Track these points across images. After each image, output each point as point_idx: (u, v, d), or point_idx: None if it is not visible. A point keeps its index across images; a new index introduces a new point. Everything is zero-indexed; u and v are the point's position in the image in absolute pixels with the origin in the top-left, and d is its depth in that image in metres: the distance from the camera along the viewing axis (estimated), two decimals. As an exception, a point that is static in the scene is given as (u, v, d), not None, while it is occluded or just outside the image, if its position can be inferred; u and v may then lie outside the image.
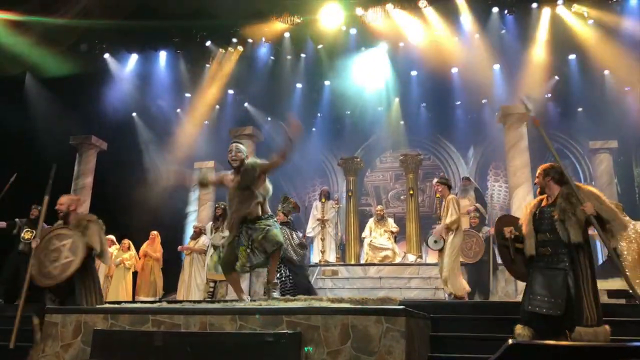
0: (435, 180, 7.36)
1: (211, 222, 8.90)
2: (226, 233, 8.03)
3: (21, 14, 9.97)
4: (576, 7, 10.68)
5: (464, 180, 10.22)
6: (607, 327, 3.85)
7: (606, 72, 11.83)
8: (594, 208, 3.96)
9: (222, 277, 8.16)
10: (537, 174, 4.37)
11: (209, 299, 7.91)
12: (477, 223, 8.77)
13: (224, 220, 8.30)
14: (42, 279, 4.80)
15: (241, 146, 4.94)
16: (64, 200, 5.15)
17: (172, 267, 9.98)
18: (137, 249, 10.12)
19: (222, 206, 8.61)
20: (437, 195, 7.50)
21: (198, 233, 9.31)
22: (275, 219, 4.98)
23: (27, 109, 11.50)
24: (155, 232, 10.22)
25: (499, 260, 9.23)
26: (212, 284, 8.36)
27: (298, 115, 13.55)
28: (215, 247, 8.14)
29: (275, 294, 4.98)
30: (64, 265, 4.74)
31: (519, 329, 3.98)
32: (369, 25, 11.25)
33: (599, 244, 12.01)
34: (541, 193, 4.36)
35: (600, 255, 10.59)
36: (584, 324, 3.80)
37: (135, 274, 9.96)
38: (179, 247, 9.53)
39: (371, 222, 11.01)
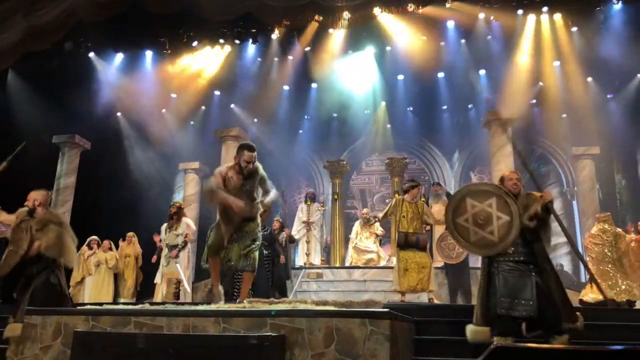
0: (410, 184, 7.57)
1: (165, 224, 8.61)
2: (179, 231, 7.99)
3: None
4: (560, 14, 10.84)
5: (435, 186, 10.29)
6: (580, 317, 3.93)
7: (589, 79, 12.00)
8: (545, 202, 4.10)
9: (175, 275, 8.09)
10: (517, 178, 4.38)
11: (176, 301, 7.80)
12: None
13: (178, 219, 8.16)
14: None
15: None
16: (30, 196, 5.16)
17: (155, 268, 9.87)
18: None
19: (177, 205, 8.46)
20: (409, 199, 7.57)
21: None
22: (260, 228, 4.97)
23: (9, 106, 11.32)
24: (131, 233, 10.09)
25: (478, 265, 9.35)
26: (176, 285, 8.22)
27: (285, 117, 13.59)
28: (170, 248, 8.02)
29: None
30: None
31: (499, 340, 3.90)
32: (356, 28, 11.29)
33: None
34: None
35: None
36: (560, 331, 3.86)
37: (115, 275, 9.82)
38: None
39: (357, 225, 11.02)
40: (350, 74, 12.60)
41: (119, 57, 12.36)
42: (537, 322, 3.94)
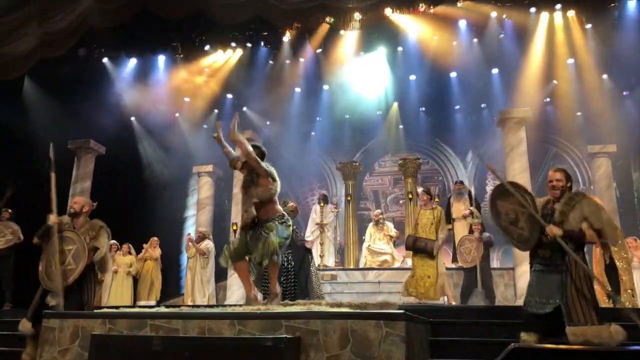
0: (422, 190, 7.88)
1: None
2: None
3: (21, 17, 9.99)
4: (574, 11, 10.74)
5: (458, 184, 10.14)
6: (615, 326, 3.77)
7: (604, 76, 11.85)
8: (561, 231, 3.94)
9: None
10: (558, 178, 4.18)
11: None
12: (480, 229, 8.50)
13: None
14: (46, 280, 4.78)
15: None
16: (79, 200, 5.18)
17: (171, 271, 9.97)
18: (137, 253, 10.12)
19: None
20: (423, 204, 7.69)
21: (202, 237, 9.51)
22: (284, 220, 4.83)
23: (25, 112, 11.47)
24: (155, 238, 10.26)
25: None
26: None
27: (297, 119, 13.61)
28: None
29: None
30: (65, 272, 4.72)
31: (523, 335, 3.93)
32: (367, 29, 11.28)
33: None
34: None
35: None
36: (574, 324, 3.79)
37: (134, 279, 9.94)
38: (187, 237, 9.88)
39: (371, 226, 11.00)
40: (362, 75, 12.58)
41: (132, 62, 12.49)
42: (559, 322, 3.91)
